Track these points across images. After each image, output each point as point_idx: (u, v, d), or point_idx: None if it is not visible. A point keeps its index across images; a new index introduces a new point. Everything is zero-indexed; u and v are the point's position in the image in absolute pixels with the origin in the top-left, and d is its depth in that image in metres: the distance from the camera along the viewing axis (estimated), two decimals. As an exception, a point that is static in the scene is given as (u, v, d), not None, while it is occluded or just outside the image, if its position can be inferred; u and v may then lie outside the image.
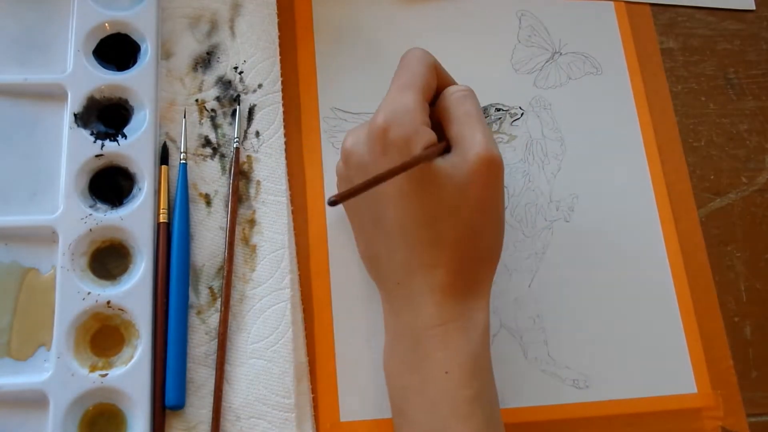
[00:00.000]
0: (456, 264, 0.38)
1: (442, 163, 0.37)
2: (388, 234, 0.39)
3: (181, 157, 0.45)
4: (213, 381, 0.41)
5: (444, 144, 0.38)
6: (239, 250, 0.44)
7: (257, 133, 0.47)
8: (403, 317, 0.39)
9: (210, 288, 0.43)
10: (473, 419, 0.35)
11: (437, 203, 0.37)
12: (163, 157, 0.45)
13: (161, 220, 0.43)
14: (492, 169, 0.37)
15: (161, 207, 0.43)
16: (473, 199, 0.37)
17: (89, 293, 0.41)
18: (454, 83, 0.41)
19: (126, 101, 0.46)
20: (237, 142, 0.46)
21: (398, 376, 0.38)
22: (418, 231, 0.38)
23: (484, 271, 0.39)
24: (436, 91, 0.40)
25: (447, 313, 0.37)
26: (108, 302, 0.41)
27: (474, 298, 0.38)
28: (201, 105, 0.47)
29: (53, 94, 0.45)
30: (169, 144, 0.46)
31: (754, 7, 0.55)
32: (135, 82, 0.46)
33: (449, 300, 0.38)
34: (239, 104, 0.47)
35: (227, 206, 0.45)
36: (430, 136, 0.37)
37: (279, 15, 0.50)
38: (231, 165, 0.46)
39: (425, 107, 0.38)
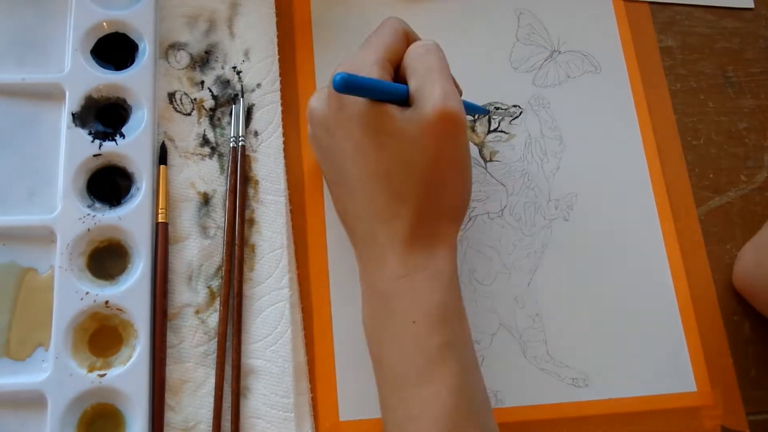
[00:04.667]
0: (414, 217, 0.38)
1: (399, 116, 0.37)
2: (350, 188, 0.39)
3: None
4: (212, 381, 0.41)
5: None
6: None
7: (256, 133, 0.47)
8: (372, 271, 0.39)
9: (209, 287, 0.43)
10: (446, 364, 0.36)
11: (393, 157, 0.37)
12: (162, 156, 0.45)
13: (160, 220, 0.43)
14: (448, 124, 0.36)
15: (160, 207, 0.43)
16: (429, 154, 0.37)
17: (87, 293, 0.41)
18: None
19: (124, 100, 0.46)
20: (235, 141, 0.46)
21: (373, 328, 0.39)
22: (376, 184, 0.38)
23: (447, 225, 0.39)
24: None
25: (410, 264, 0.38)
26: (106, 302, 0.41)
27: (437, 248, 0.38)
28: (199, 104, 0.47)
29: (51, 94, 0.45)
30: (168, 143, 0.46)
31: (752, 6, 0.55)
32: (133, 81, 0.45)
33: (411, 251, 0.38)
34: (237, 104, 0.47)
35: (225, 205, 0.45)
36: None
37: (277, 14, 0.49)
38: (229, 164, 0.46)
39: (385, 65, 0.38)
